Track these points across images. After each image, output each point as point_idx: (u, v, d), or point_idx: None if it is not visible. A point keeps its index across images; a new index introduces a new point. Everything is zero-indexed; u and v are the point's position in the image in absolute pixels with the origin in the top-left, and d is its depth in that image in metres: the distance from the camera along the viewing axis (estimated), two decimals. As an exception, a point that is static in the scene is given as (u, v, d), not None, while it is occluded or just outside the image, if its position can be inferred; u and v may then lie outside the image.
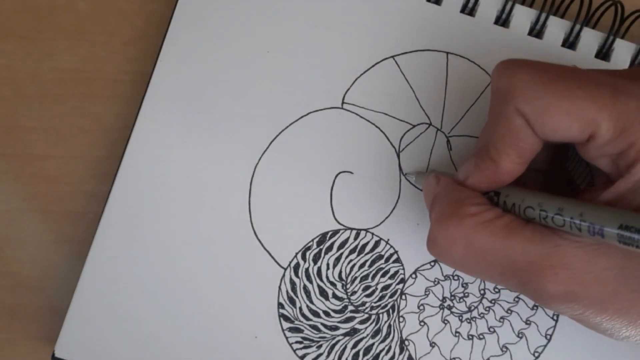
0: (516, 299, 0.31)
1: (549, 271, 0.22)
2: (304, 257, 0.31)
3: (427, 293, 0.31)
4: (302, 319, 0.31)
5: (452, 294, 0.31)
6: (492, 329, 0.31)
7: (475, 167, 0.25)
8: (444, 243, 0.24)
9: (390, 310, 0.31)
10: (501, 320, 0.31)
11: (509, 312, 0.31)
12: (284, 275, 0.31)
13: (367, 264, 0.31)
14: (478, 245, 0.24)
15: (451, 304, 0.31)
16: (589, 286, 0.22)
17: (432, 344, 0.31)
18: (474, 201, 0.24)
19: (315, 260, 0.31)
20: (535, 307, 0.31)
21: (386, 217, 0.31)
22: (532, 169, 0.26)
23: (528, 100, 0.22)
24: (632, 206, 0.22)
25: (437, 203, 0.26)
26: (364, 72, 0.31)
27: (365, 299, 0.31)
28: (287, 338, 0.31)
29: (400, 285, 0.31)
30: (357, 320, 0.31)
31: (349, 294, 0.31)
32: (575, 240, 0.23)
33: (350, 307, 0.31)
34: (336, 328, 0.31)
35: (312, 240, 0.31)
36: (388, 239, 0.31)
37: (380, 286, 0.31)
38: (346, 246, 0.31)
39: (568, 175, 0.28)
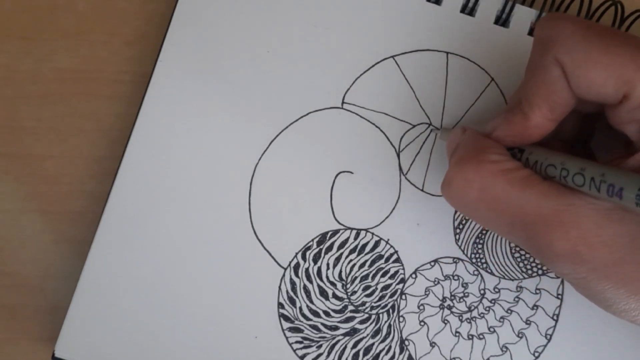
0: (516, 299, 0.31)
1: (559, 227, 0.22)
2: (304, 257, 0.31)
3: (427, 293, 0.31)
4: (302, 318, 0.31)
5: (452, 294, 0.31)
6: (492, 329, 0.31)
7: (504, 120, 0.25)
8: (459, 185, 0.24)
9: (390, 310, 0.31)
10: (501, 320, 0.31)
11: (509, 312, 0.31)
12: (284, 275, 0.31)
13: (367, 263, 0.31)
14: (492, 192, 0.24)
15: (451, 304, 0.31)
16: (596, 249, 0.22)
17: (432, 344, 0.31)
18: (496, 151, 0.24)
19: (315, 260, 0.31)
20: (535, 307, 0.31)
21: (386, 217, 0.31)
22: (557, 140, 0.26)
23: (568, 50, 0.22)
24: None
25: (459, 149, 0.26)
26: (364, 72, 0.31)
27: (365, 299, 0.31)
28: (287, 338, 0.31)
29: (400, 285, 0.31)
30: (357, 320, 0.31)
31: (349, 293, 0.31)
32: (590, 202, 0.22)
33: (350, 307, 0.31)
34: (336, 328, 0.31)
35: (312, 240, 0.31)
36: (388, 239, 0.31)
37: (380, 286, 0.31)
38: (346, 246, 0.31)
39: (590, 151, 0.28)
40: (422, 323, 0.31)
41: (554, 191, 0.23)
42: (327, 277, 0.31)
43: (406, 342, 0.31)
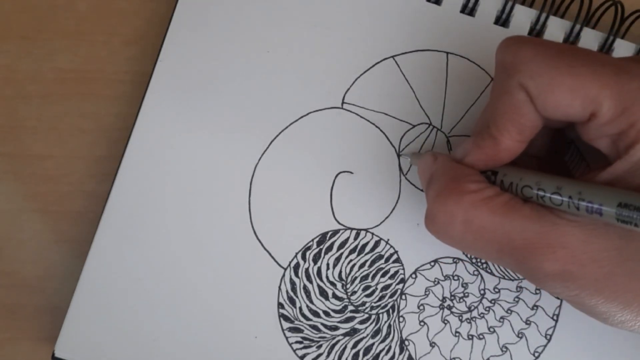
0: (516, 299, 0.31)
1: (546, 249, 0.22)
2: (304, 257, 0.31)
3: (427, 293, 0.31)
4: (302, 319, 0.31)
5: (452, 294, 0.31)
6: (492, 329, 0.31)
7: (474, 145, 0.25)
8: (442, 220, 0.24)
9: (390, 310, 0.31)
10: (501, 320, 0.31)
11: (509, 312, 0.31)
12: (284, 275, 0.31)
13: (367, 264, 0.31)
14: (477, 222, 0.24)
15: (451, 304, 0.31)
16: (585, 266, 0.22)
17: (432, 344, 0.31)
18: (473, 178, 0.24)
19: (315, 260, 0.31)
20: (535, 307, 0.31)
21: (386, 217, 0.31)
22: (529, 155, 0.26)
23: (532, 75, 0.22)
24: (630, 187, 0.22)
25: (435, 180, 0.26)
26: (364, 72, 0.31)
27: (365, 299, 0.31)
28: (287, 338, 0.31)
29: (400, 285, 0.31)
30: (357, 320, 0.31)
31: (349, 294, 0.31)
32: (572, 220, 0.23)
33: (350, 307, 0.31)
34: (336, 328, 0.31)
35: (312, 240, 0.31)
36: (388, 239, 0.31)
37: (380, 286, 0.31)
38: (346, 246, 0.31)
39: (563, 164, 0.28)
40: (422, 323, 0.31)
41: (535, 213, 0.23)
42: (327, 277, 0.31)
43: (406, 342, 0.31)
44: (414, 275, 0.31)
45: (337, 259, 0.31)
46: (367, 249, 0.31)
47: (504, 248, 0.23)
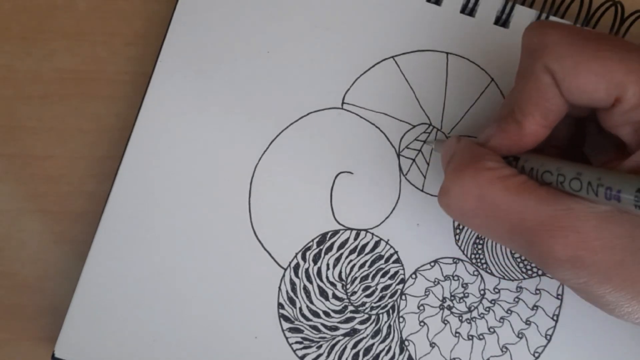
0: (516, 299, 0.31)
1: (558, 233, 0.22)
2: (304, 258, 0.31)
3: (427, 293, 0.31)
4: (302, 319, 0.31)
5: (452, 294, 0.31)
6: (492, 329, 0.31)
7: (497, 129, 0.25)
8: (456, 194, 0.24)
9: (390, 311, 0.31)
10: (501, 320, 0.31)
11: (509, 312, 0.31)
12: (284, 276, 0.31)
13: (367, 264, 0.31)
14: (490, 199, 0.23)
15: (451, 304, 0.31)
16: (596, 253, 0.22)
17: (432, 344, 0.31)
18: (492, 158, 0.24)
19: (315, 261, 0.31)
20: (535, 308, 0.31)
21: (386, 217, 0.31)
22: (551, 146, 0.26)
23: (558, 58, 0.22)
24: None
25: (454, 158, 0.26)
26: (364, 72, 0.31)
27: (365, 299, 0.31)
28: (287, 338, 0.31)
29: (400, 286, 0.31)
30: (357, 320, 0.31)
31: (349, 294, 0.31)
32: (589, 206, 0.22)
33: (350, 308, 0.31)
34: (336, 328, 0.31)
35: (312, 240, 0.31)
36: (388, 239, 0.31)
37: (380, 286, 0.31)
38: (346, 246, 0.31)
39: (584, 157, 0.28)
40: (422, 323, 0.31)
41: (551, 196, 0.23)
42: (327, 278, 0.31)
43: (406, 343, 0.31)
44: (414, 276, 0.31)
45: (337, 259, 0.31)
46: (367, 249, 0.31)
47: (515, 228, 0.23)
